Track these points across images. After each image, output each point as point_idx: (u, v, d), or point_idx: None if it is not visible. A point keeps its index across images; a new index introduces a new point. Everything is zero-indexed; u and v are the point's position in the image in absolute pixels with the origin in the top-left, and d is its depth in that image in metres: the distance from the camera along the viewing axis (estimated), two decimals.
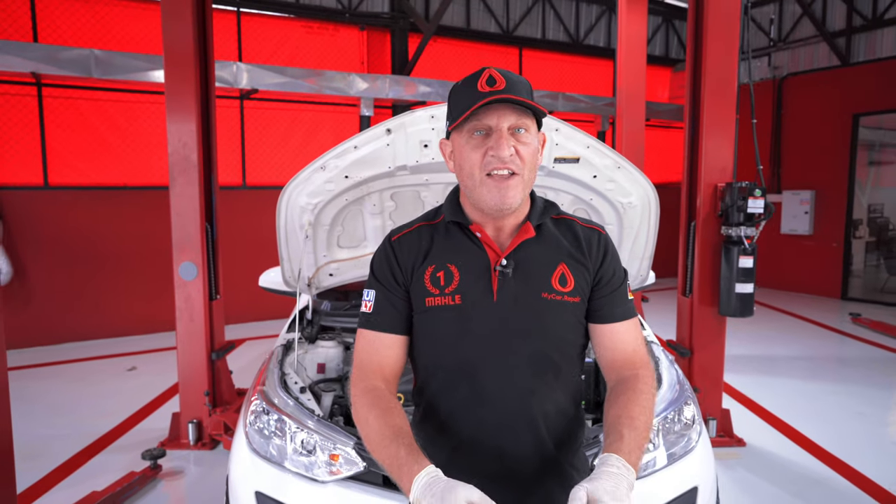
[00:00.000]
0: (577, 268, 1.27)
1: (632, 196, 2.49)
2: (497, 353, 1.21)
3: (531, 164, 1.21)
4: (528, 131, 1.20)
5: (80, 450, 3.95)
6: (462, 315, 1.22)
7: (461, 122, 1.19)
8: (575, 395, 1.31)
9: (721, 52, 3.89)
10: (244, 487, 2.10)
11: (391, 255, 1.30)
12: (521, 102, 1.15)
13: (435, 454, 1.26)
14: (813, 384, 5.36)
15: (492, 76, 1.18)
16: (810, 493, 3.43)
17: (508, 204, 1.20)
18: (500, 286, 1.23)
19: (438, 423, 1.27)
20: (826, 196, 9.44)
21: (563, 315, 1.24)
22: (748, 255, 3.74)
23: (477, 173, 1.20)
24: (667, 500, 2.01)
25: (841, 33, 9.38)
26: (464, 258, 1.26)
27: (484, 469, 1.22)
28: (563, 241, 1.29)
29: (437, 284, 1.24)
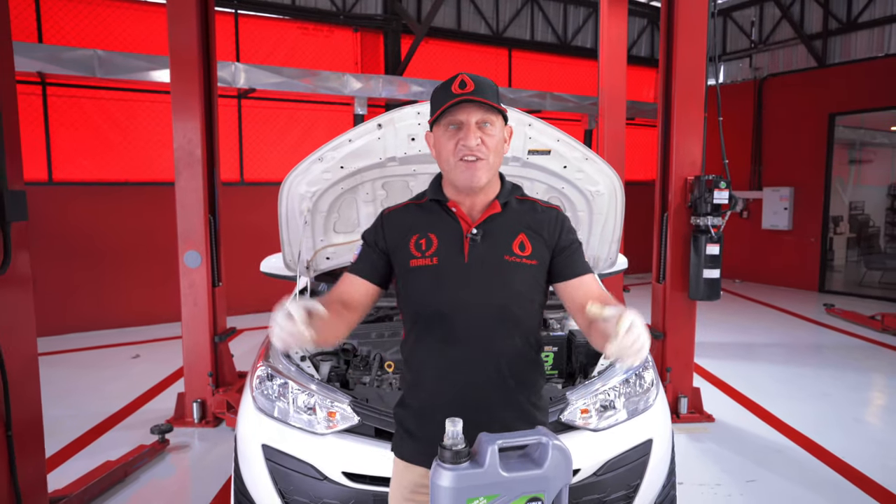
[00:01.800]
0: (536, 238, 1.53)
1: (599, 185, 2.76)
2: (466, 303, 1.48)
3: (496, 151, 1.48)
4: (492, 125, 1.46)
5: (91, 427, 4.21)
6: (439, 273, 1.49)
7: (438, 117, 1.47)
8: (532, 343, 1.58)
9: (690, 56, 4.18)
10: (252, 441, 2.36)
11: (380, 226, 1.59)
12: (483, 102, 1.43)
13: (418, 387, 1.56)
14: (784, 368, 5.67)
15: (463, 80, 1.44)
16: (771, 462, 3.72)
17: (476, 182, 1.46)
18: (471, 250, 1.49)
19: (420, 362, 1.55)
20: (805, 193, 9.78)
21: (522, 274, 1.51)
22: (715, 243, 4.03)
23: (451, 159, 1.47)
24: (626, 448, 2.29)
25: (818, 36, 9.72)
26: (442, 228, 1.53)
27: (456, 398, 1.49)
28: (524, 216, 1.56)
29: (419, 249, 1.51)
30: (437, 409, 1.48)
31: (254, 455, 2.33)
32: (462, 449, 1.17)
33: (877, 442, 4.04)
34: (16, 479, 2.34)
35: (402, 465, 1.59)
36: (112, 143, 7.16)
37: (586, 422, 2.31)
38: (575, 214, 2.98)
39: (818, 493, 3.34)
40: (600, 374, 2.52)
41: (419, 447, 1.54)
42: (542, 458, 1.20)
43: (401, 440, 1.60)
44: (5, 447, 2.33)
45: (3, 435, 2.32)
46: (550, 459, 1.20)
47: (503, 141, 1.52)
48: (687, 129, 4.24)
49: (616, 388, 2.44)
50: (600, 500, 2.19)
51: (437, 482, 1.16)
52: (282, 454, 2.26)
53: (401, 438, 1.60)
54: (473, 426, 1.46)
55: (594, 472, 2.21)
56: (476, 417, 1.45)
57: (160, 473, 3.60)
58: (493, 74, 10.00)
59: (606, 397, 2.40)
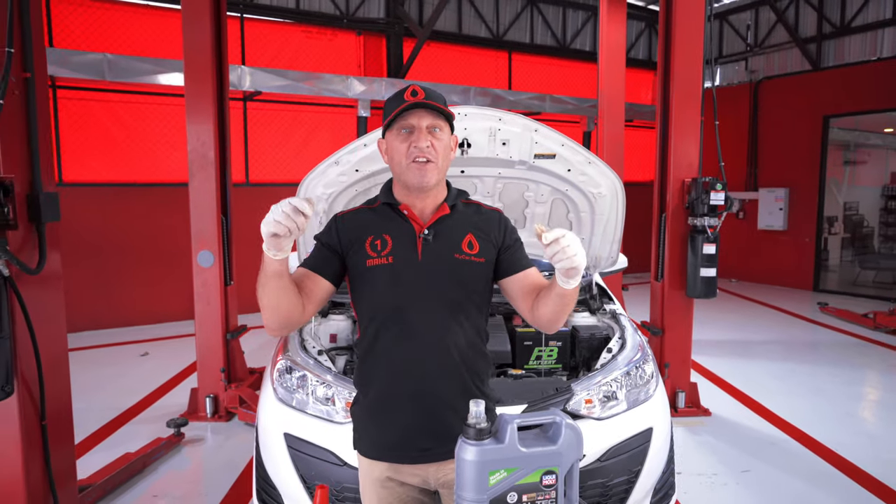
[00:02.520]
0: (482, 237, 1.64)
1: (601, 187, 2.90)
2: (421, 298, 1.57)
3: (443, 155, 1.58)
4: (441, 130, 1.57)
5: (108, 421, 4.34)
6: (394, 271, 1.57)
7: (391, 123, 1.59)
8: (482, 335, 1.70)
9: (687, 59, 4.33)
10: (274, 431, 2.49)
11: (335, 228, 1.65)
12: (433, 107, 1.54)
13: (375, 382, 1.63)
14: (779, 365, 5.82)
15: (415, 90, 1.55)
16: (765, 453, 3.87)
17: (426, 182, 1.56)
18: (424, 249, 1.59)
19: (376, 356, 1.62)
20: (800, 193, 9.94)
21: (471, 271, 1.62)
22: (711, 243, 4.18)
23: (403, 161, 1.56)
24: (628, 436, 2.43)
25: (812, 39, 9.88)
26: (395, 229, 1.61)
27: (412, 388, 1.60)
28: (471, 217, 1.69)
29: (375, 249, 1.59)
30: (394, 402, 1.60)
31: (276, 444, 2.46)
32: (485, 427, 1.30)
33: (868, 435, 4.19)
34: (49, 466, 2.47)
35: (366, 462, 1.67)
36: (120, 144, 7.27)
37: (590, 411, 2.45)
38: (578, 215, 3.12)
39: (811, 482, 3.48)
40: (602, 366, 2.66)
41: (379, 442, 1.62)
42: (556, 436, 1.34)
43: (360, 438, 1.67)
44: (40, 437, 2.46)
45: (37, 425, 2.45)
46: (564, 437, 1.33)
47: (450, 146, 1.64)
48: (684, 132, 4.38)
49: (618, 379, 2.58)
50: (604, 484, 2.33)
51: (463, 456, 1.29)
52: (303, 442, 2.39)
53: (360, 436, 1.67)
54: (428, 415, 1.61)
55: (598, 458, 2.34)
56: (431, 407, 1.59)
57: (177, 465, 3.73)
58: (493, 77, 10.15)
59: (609, 388, 2.54)
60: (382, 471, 1.63)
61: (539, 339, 3.01)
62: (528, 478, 1.31)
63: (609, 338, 3.02)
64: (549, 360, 3.02)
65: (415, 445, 1.60)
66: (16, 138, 2.34)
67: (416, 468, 1.62)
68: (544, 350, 3.00)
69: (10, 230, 2.27)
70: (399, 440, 1.60)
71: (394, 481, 1.64)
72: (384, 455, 1.63)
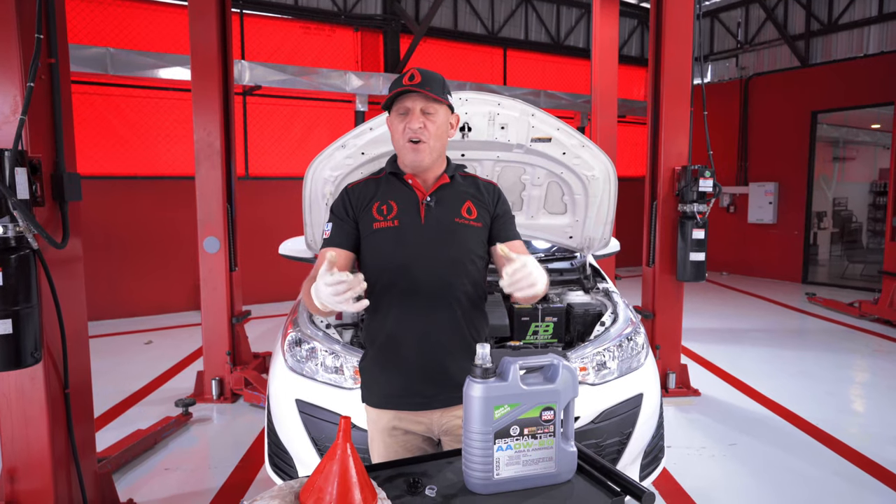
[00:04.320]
0: (479, 205, 1.79)
1: (594, 170, 3.06)
2: (425, 257, 1.71)
3: (437, 135, 1.70)
4: (435, 113, 1.68)
5: (118, 402, 4.47)
6: (400, 233, 1.72)
7: (391, 104, 1.71)
8: (480, 294, 1.84)
9: (677, 55, 4.50)
10: (285, 398, 2.63)
11: (346, 198, 1.80)
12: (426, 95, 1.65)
13: (381, 332, 1.76)
14: (767, 350, 6.00)
15: (413, 74, 1.67)
16: (751, 429, 4.04)
17: (419, 162, 1.71)
18: (426, 214, 1.73)
19: (383, 310, 1.74)
20: (789, 188, 10.14)
21: (470, 234, 1.76)
22: (700, 228, 4.34)
23: (401, 140, 1.70)
24: (620, 401, 2.59)
25: (801, 36, 10.10)
26: (400, 196, 1.76)
27: (416, 339, 1.74)
28: (469, 188, 1.84)
29: (381, 214, 1.74)
30: (399, 352, 1.73)
31: (288, 410, 2.60)
32: (490, 367, 1.45)
33: (851, 412, 4.38)
34: (72, 432, 2.60)
35: (374, 413, 1.81)
36: (123, 138, 7.38)
37: (584, 378, 2.61)
38: (572, 197, 3.27)
39: (792, 453, 3.66)
40: (596, 338, 2.82)
41: (386, 391, 1.76)
42: (554, 376, 1.49)
43: (368, 389, 1.81)
44: (63, 404, 2.59)
45: (61, 393, 2.58)
46: (561, 377, 1.48)
47: (447, 126, 1.77)
48: (674, 124, 4.55)
49: (610, 349, 2.74)
50: (597, 444, 2.48)
51: (470, 393, 1.44)
52: (314, 406, 2.53)
53: (368, 388, 1.81)
54: (431, 364, 1.75)
55: (591, 420, 2.50)
56: (434, 356, 1.73)
57: (185, 442, 3.87)
58: (488, 73, 10.30)
59: (602, 357, 2.70)
60: (389, 419, 1.77)
61: (535, 315, 3.16)
62: (529, 413, 1.46)
63: (602, 313, 3.17)
64: (546, 334, 3.17)
65: (418, 392, 1.73)
66: (42, 120, 2.47)
67: (420, 415, 1.76)
68: (541, 325, 3.15)
69: (36, 207, 2.41)
70: (404, 388, 1.74)
71: (399, 430, 1.78)
72: (390, 403, 1.76)
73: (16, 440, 2.53)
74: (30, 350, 2.33)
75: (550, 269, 3.70)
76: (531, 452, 1.47)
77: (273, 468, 2.72)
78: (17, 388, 2.50)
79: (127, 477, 3.37)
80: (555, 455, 1.48)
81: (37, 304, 2.36)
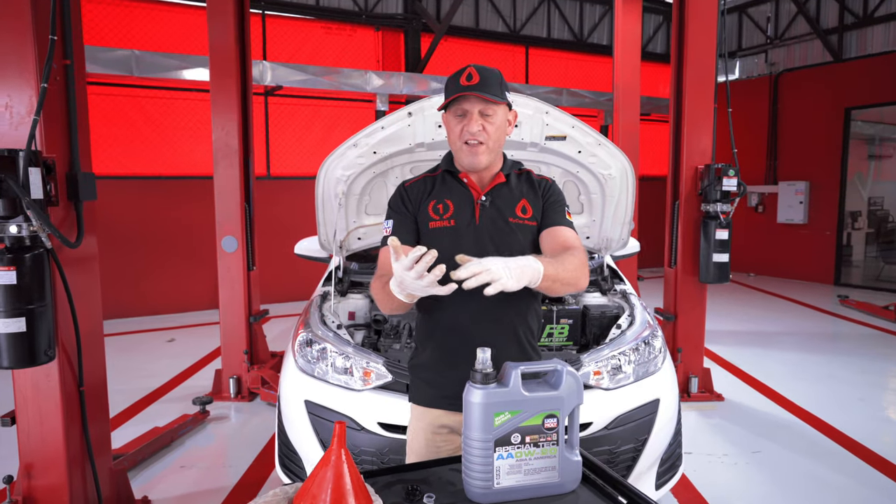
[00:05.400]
0: (534, 202, 1.78)
1: (611, 168, 2.98)
2: (479, 257, 1.66)
3: (495, 136, 1.69)
4: (494, 114, 1.66)
5: (137, 400, 4.53)
6: (456, 233, 1.72)
7: (448, 105, 1.68)
8: (533, 292, 1.76)
9: (701, 50, 4.38)
10: (295, 398, 2.62)
11: (404, 194, 1.81)
12: (483, 99, 1.63)
13: (436, 333, 1.76)
14: (795, 354, 5.82)
15: (470, 73, 1.65)
16: (776, 435, 3.91)
17: (477, 164, 1.70)
18: (481, 213, 1.73)
19: (438, 311, 1.75)
20: (820, 187, 9.85)
21: (524, 233, 1.76)
22: (723, 229, 4.22)
23: (458, 142, 1.70)
24: (635, 406, 2.52)
25: (834, 30, 9.79)
26: (456, 195, 1.76)
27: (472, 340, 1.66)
28: (524, 185, 1.82)
29: (437, 213, 1.75)
30: (456, 354, 1.71)
31: (297, 411, 2.59)
32: (490, 372, 1.40)
33: (880, 419, 4.21)
34: (87, 430, 2.63)
35: (420, 410, 1.81)
36: (149, 138, 7.51)
37: (598, 382, 2.54)
38: (589, 197, 3.20)
39: (819, 461, 3.53)
40: (612, 341, 2.75)
41: (437, 392, 1.76)
42: (557, 382, 1.44)
43: (417, 389, 1.82)
44: (78, 401, 2.62)
45: (76, 390, 2.61)
46: (565, 383, 1.43)
47: (505, 124, 1.74)
48: (697, 121, 4.43)
49: (626, 353, 2.67)
50: (611, 451, 2.42)
51: (470, 399, 1.40)
52: (323, 408, 2.52)
53: (417, 388, 1.82)
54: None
55: (605, 425, 2.43)
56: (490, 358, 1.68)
57: (202, 440, 3.89)
58: (510, 71, 10.22)
59: (617, 361, 2.62)
60: (437, 417, 1.77)
61: (551, 316, 3.10)
62: (531, 420, 1.41)
63: (619, 316, 3.10)
64: (561, 336, 3.11)
65: None
66: (57, 121, 2.50)
67: None
68: (556, 327, 3.09)
69: (51, 206, 2.44)
70: (458, 389, 1.67)
71: (445, 427, 1.77)
72: (442, 403, 1.76)
73: (32, 436, 2.57)
74: (43, 348, 2.35)
75: None
76: (533, 461, 1.42)
77: (283, 468, 2.71)
78: (32, 385, 2.54)
79: (143, 474, 3.40)
80: (558, 464, 1.44)
81: (51, 302, 2.38)
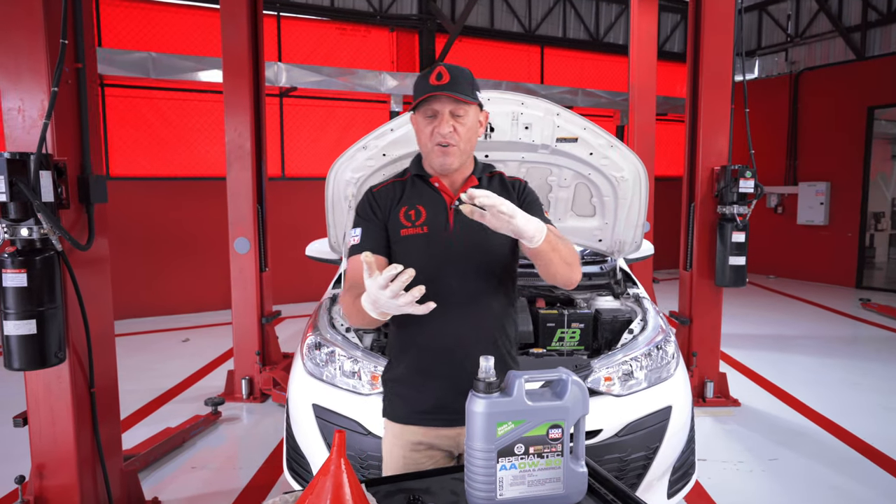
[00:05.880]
0: None
1: (624, 171, 2.93)
2: (454, 264, 1.64)
3: (467, 137, 1.63)
4: (465, 114, 1.60)
5: (150, 400, 4.57)
6: (429, 239, 1.65)
7: (417, 105, 1.61)
8: (511, 300, 1.76)
9: (717, 49, 4.30)
10: (303, 402, 2.61)
11: (372, 200, 1.72)
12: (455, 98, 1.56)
13: (411, 347, 1.69)
14: (814, 359, 5.70)
15: (440, 73, 1.58)
16: (794, 443, 3.82)
17: (448, 165, 1.63)
18: (455, 219, 1.66)
19: (413, 323, 1.61)
20: (841, 187, 9.65)
21: (499, 238, 1.64)
22: (740, 231, 4.14)
23: (428, 143, 1.62)
24: (647, 413, 2.47)
25: (856, 28, 9.58)
26: (427, 200, 1.68)
27: (449, 353, 1.64)
28: (497, 188, 1.75)
29: (409, 219, 1.67)
30: (432, 367, 1.66)
31: (305, 414, 2.58)
32: (493, 381, 1.37)
33: None
34: (97, 431, 2.64)
35: (397, 428, 1.72)
36: (165, 140, 7.59)
37: (609, 388, 2.50)
38: (601, 199, 3.15)
39: (839, 471, 3.44)
40: (623, 346, 2.70)
41: (412, 408, 1.69)
42: (562, 392, 1.40)
43: (392, 404, 1.74)
44: (88, 403, 2.63)
45: (87, 392, 2.63)
46: (570, 393, 1.39)
47: (477, 126, 1.68)
48: (713, 121, 4.35)
49: (638, 358, 2.62)
50: (621, 458, 2.37)
51: (473, 409, 1.37)
52: (330, 412, 2.50)
53: (391, 403, 1.75)
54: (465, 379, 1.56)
55: (615, 433, 2.39)
56: (465, 370, 1.59)
57: (213, 441, 3.91)
58: (525, 72, 10.16)
59: (628, 367, 2.58)
60: (415, 434, 1.70)
61: (561, 321, 3.05)
62: (535, 430, 1.38)
63: (632, 320, 3.04)
64: (572, 341, 3.06)
65: (448, 408, 1.64)
66: (68, 124, 2.51)
67: (451, 430, 1.68)
68: (566, 332, 3.05)
69: (62, 209, 2.45)
70: (433, 404, 1.67)
71: (423, 444, 1.71)
72: (421, 419, 1.69)
73: (43, 437, 2.59)
74: (54, 350, 2.37)
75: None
76: (537, 472, 1.39)
77: (290, 472, 2.70)
78: (44, 386, 2.56)
79: (155, 474, 3.42)
80: (563, 475, 1.40)
81: (61, 304, 2.40)
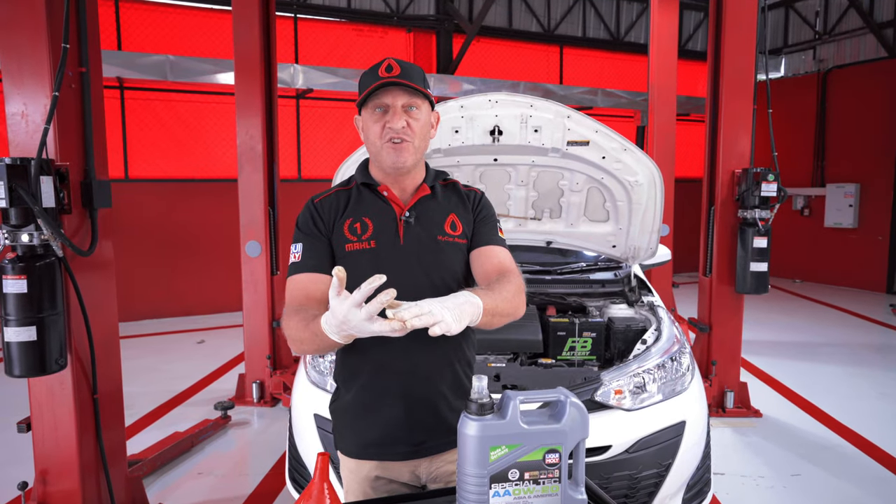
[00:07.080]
0: (464, 216, 1.57)
1: (638, 175, 2.83)
2: (406, 282, 1.39)
3: (420, 134, 1.49)
4: (418, 109, 1.47)
5: (161, 403, 4.57)
6: (377, 255, 1.48)
7: (365, 100, 1.47)
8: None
9: (738, 48, 4.16)
10: (304, 411, 2.56)
11: (314, 212, 1.54)
12: (409, 86, 1.44)
13: (359, 374, 1.53)
14: (842, 368, 5.50)
15: (390, 64, 1.45)
16: (818, 457, 3.67)
17: (402, 163, 1.48)
18: (406, 232, 1.50)
19: (361, 348, 1.46)
20: (871, 189, 9.34)
21: (455, 253, 1.54)
22: (762, 236, 3.99)
23: (378, 141, 1.47)
24: (659, 428, 2.37)
25: (889, 24, 9.26)
26: (375, 212, 1.52)
27: (401, 380, 1.50)
28: (452, 197, 1.60)
29: (354, 233, 1.50)
30: (382, 396, 1.51)
31: (306, 424, 2.53)
32: (487, 402, 1.29)
33: None
34: (100, 437, 2.63)
35: (352, 463, 1.57)
36: (181, 142, 7.64)
37: (619, 402, 2.40)
38: (614, 204, 3.05)
39: (866, 489, 3.28)
40: (635, 357, 2.60)
41: (368, 440, 1.53)
42: (560, 414, 1.32)
43: (343, 437, 1.58)
44: (91, 409, 2.62)
45: (90, 398, 2.61)
46: (568, 415, 1.31)
47: (429, 125, 1.56)
48: (735, 122, 4.21)
49: (650, 371, 2.51)
50: (631, 476, 2.27)
51: (465, 431, 1.29)
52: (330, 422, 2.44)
53: (343, 436, 1.58)
54: (420, 408, 1.51)
55: (626, 449, 2.29)
56: (423, 399, 1.51)
57: (222, 446, 3.89)
58: (544, 72, 10.04)
59: (640, 380, 2.47)
60: (371, 469, 1.55)
61: (573, 329, 2.96)
62: (531, 455, 1.30)
63: (645, 329, 2.94)
64: (583, 351, 2.97)
65: (407, 440, 1.52)
66: (72, 128, 2.50)
67: (409, 464, 1.55)
68: (578, 341, 2.96)
69: (64, 215, 2.44)
70: (389, 436, 1.52)
71: (382, 479, 1.56)
72: (373, 454, 1.54)
73: (46, 443, 2.58)
74: (55, 357, 2.35)
75: (591, 280, 3.48)
76: (533, 500, 1.31)
77: (292, 481, 2.66)
78: (47, 392, 2.55)
79: (161, 480, 3.41)
80: (560, 503, 1.32)
81: (62, 310, 2.38)
